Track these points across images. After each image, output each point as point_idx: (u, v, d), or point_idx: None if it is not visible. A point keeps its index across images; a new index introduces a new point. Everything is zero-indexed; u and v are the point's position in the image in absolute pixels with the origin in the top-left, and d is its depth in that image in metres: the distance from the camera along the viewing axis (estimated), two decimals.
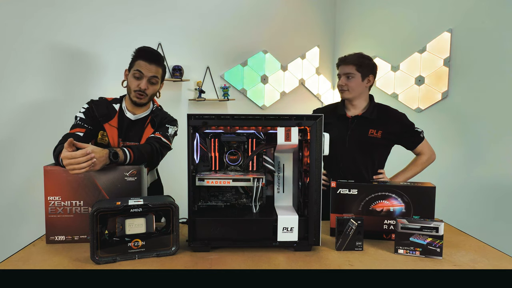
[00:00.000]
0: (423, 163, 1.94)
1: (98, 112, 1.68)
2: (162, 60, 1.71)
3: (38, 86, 2.64)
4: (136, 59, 1.66)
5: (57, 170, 1.36)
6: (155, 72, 1.66)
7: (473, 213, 2.68)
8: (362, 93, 1.95)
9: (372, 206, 1.45)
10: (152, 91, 1.69)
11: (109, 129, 1.68)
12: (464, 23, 2.78)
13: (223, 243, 1.33)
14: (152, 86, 1.68)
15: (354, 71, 1.91)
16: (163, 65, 1.72)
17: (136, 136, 1.72)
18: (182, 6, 3.23)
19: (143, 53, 1.66)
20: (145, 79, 1.65)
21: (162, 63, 1.70)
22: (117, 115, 1.71)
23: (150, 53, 1.67)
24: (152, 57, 1.66)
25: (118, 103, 1.74)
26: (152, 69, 1.65)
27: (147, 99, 1.69)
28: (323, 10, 4.05)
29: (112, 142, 1.68)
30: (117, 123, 1.70)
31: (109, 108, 1.71)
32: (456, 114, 2.85)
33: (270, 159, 1.44)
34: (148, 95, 1.68)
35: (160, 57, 1.69)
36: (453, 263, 1.25)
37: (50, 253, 1.30)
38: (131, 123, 1.73)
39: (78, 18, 2.75)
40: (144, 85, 1.64)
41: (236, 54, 3.55)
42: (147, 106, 1.76)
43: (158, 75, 1.68)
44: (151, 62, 1.65)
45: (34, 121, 2.63)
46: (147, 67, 1.64)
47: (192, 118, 1.28)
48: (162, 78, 1.74)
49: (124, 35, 2.93)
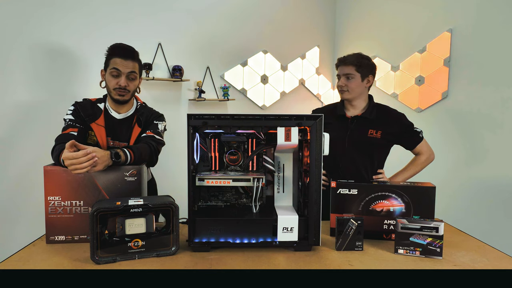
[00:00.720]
0: (422, 163, 1.95)
1: (83, 112, 1.67)
2: (137, 54, 1.70)
3: (33, 86, 2.63)
4: (110, 57, 1.65)
5: (57, 170, 1.36)
6: (132, 67, 1.66)
7: (473, 213, 2.68)
8: (361, 93, 1.95)
9: (372, 206, 1.45)
10: (133, 87, 1.69)
11: (96, 128, 1.67)
12: (464, 23, 2.78)
13: (223, 243, 1.33)
14: (132, 82, 1.68)
15: (354, 72, 1.90)
16: (139, 60, 1.71)
17: (124, 136, 1.72)
18: (182, 6, 3.23)
19: (117, 50, 1.66)
20: (123, 76, 1.64)
21: (137, 57, 1.70)
22: (103, 114, 1.70)
23: (124, 50, 1.66)
24: (127, 53, 1.65)
25: (102, 103, 1.73)
26: (129, 65, 1.64)
27: (129, 95, 1.69)
28: (323, 10, 4.06)
29: (101, 141, 1.67)
30: (103, 122, 1.69)
31: (94, 108, 1.70)
32: (456, 114, 2.85)
33: (270, 159, 1.44)
34: (130, 91, 1.68)
35: (134, 52, 1.69)
36: (453, 263, 1.25)
37: (50, 253, 1.30)
38: (118, 122, 1.72)
39: (76, 18, 2.74)
40: (123, 82, 1.64)
41: (236, 54, 3.55)
42: (130, 104, 1.76)
43: (136, 70, 1.68)
44: (127, 58, 1.64)
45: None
46: (123, 63, 1.63)
47: (192, 118, 1.28)
48: (140, 73, 1.74)
49: (124, 36, 2.92)
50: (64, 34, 2.70)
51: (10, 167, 2.56)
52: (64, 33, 2.70)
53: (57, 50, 2.69)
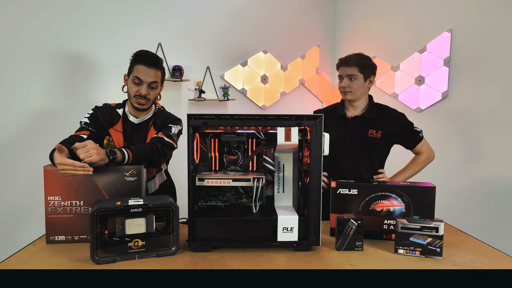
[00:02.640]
0: (422, 162, 1.95)
1: (102, 117, 1.69)
2: (161, 62, 1.70)
3: (40, 90, 2.64)
4: (134, 64, 1.66)
5: (57, 170, 1.36)
6: (154, 77, 1.65)
7: (473, 213, 2.68)
8: (363, 94, 1.95)
9: (372, 206, 1.45)
10: (154, 96, 1.69)
11: (114, 134, 1.69)
12: (464, 23, 2.78)
13: (223, 243, 1.33)
14: (153, 91, 1.68)
15: (357, 73, 1.89)
16: (162, 68, 1.71)
17: (140, 139, 1.72)
18: (182, 6, 3.23)
19: (141, 57, 1.66)
20: (145, 85, 1.64)
21: (161, 65, 1.69)
22: (121, 120, 1.72)
23: (148, 57, 1.66)
24: (151, 60, 1.65)
25: (122, 108, 1.74)
26: (151, 73, 1.64)
27: (149, 104, 1.69)
28: (323, 10, 4.05)
29: (118, 146, 1.69)
30: (121, 128, 1.71)
31: (113, 113, 1.72)
32: (456, 114, 2.85)
33: (270, 159, 1.44)
34: (150, 100, 1.67)
35: (158, 60, 1.68)
36: (453, 263, 1.25)
37: (50, 253, 1.30)
38: (135, 126, 1.73)
39: (76, 20, 2.75)
40: (144, 91, 1.64)
41: (236, 54, 3.55)
42: (149, 109, 1.76)
43: (158, 79, 1.67)
44: (150, 66, 1.64)
45: (37, 124, 2.63)
46: (146, 71, 1.63)
47: (192, 118, 1.28)
48: (162, 81, 1.74)
49: (124, 36, 2.93)
50: (63, 37, 2.70)
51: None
52: (63, 36, 2.70)
53: (57, 53, 2.69)
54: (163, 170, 1.90)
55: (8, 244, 2.45)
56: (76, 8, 2.74)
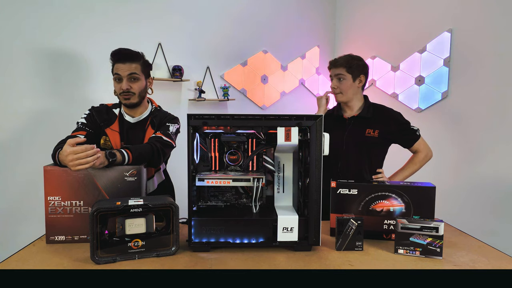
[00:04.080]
0: (420, 161, 1.96)
1: (98, 118, 1.70)
2: (137, 55, 1.70)
3: (39, 90, 2.64)
4: (113, 64, 1.69)
5: (57, 170, 1.36)
6: (131, 69, 1.66)
7: (473, 213, 2.68)
8: (355, 94, 1.97)
9: (372, 206, 1.45)
10: (138, 88, 1.69)
11: (111, 133, 1.70)
12: (464, 23, 2.78)
13: (223, 243, 1.33)
14: (135, 83, 1.68)
15: (345, 73, 1.94)
16: (141, 60, 1.71)
17: (137, 139, 1.72)
18: (182, 6, 3.23)
19: (117, 56, 1.68)
20: (124, 79, 1.66)
21: (138, 58, 1.70)
22: (118, 120, 1.72)
23: (122, 54, 1.67)
24: (124, 57, 1.66)
25: (118, 108, 1.75)
26: (127, 67, 1.66)
27: (136, 97, 1.69)
28: (323, 10, 4.06)
29: (115, 146, 1.69)
30: (118, 127, 1.71)
31: (109, 113, 1.73)
32: (456, 114, 2.85)
33: (270, 159, 1.44)
34: (135, 93, 1.68)
35: (133, 54, 1.69)
36: (453, 263, 1.25)
37: (50, 253, 1.30)
38: (132, 126, 1.73)
39: (75, 19, 2.74)
40: (125, 85, 1.65)
41: (236, 54, 3.55)
42: (144, 107, 1.76)
43: (137, 70, 1.68)
44: (125, 61, 1.66)
45: (36, 124, 2.63)
46: (122, 67, 1.65)
47: (192, 118, 1.28)
48: (146, 73, 1.74)
49: (123, 36, 2.93)
50: (61, 36, 2.70)
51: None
52: (61, 35, 2.70)
53: (55, 53, 2.68)
54: (162, 169, 1.90)
55: (8, 244, 2.45)
56: (76, 8, 2.74)
